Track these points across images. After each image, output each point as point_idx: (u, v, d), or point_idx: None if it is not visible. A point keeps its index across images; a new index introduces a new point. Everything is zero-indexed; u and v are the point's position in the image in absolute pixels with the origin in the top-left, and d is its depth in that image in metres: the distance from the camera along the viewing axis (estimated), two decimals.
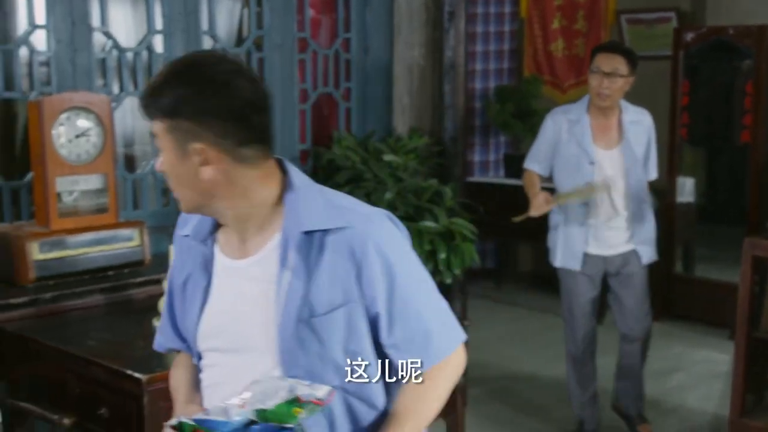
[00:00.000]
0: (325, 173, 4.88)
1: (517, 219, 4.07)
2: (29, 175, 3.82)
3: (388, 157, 4.78)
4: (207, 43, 4.45)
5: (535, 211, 4.04)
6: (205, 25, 4.44)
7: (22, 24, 4.22)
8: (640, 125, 4.09)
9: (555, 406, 4.62)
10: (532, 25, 7.25)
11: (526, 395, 4.82)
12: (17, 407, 3.08)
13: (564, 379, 4.32)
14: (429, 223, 4.52)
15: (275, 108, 4.73)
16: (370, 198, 4.63)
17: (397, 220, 1.82)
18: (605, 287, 4.23)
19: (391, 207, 4.63)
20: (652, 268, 4.21)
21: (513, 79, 7.19)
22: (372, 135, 5.08)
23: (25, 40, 3.91)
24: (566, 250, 4.12)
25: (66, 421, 2.88)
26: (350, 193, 4.61)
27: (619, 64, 3.92)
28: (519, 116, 6.30)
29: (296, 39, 4.82)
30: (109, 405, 2.83)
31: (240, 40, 4.99)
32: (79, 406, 2.96)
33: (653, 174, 4.19)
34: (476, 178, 6.82)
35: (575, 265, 4.08)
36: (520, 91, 6.54)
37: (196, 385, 1.91)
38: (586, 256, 4.07)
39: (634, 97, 4.16)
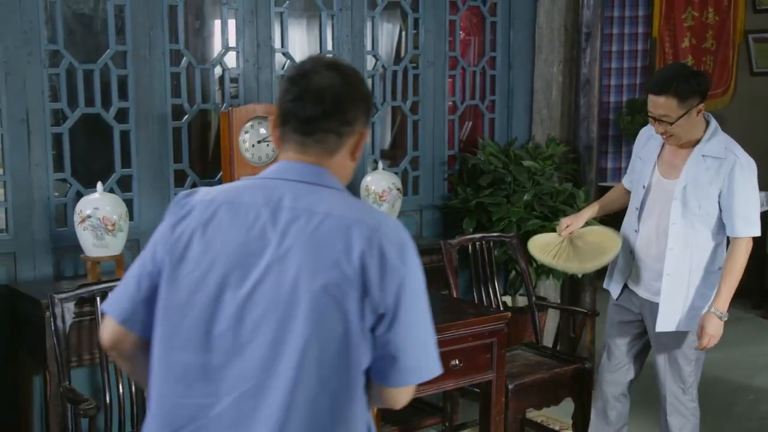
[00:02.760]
0: (470, 176, 4.87)
1: (534, 251, 3.43)
2: (219, 174, 3.97)
3: (527, 163, 4.72)
4: (370, 62, 4.51)
5: (559, 231, 3.39)
6: (369, 45, 4.50)
7: (217, 47, 4.38)
8: (717, 162, 3.03)
9: None
10: (663, 44, 6.99)
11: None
12: None
13: None
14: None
15: (426, 118, 4.76)
16: (510, 199, 4.59)
17: None
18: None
19: (528, 208, 4.58)
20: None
21: (644, 93, 6.97)
22: (513, 143, 5.03)
23: (219, 60, 4.06)
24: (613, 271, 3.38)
25: None
26: (492, 194, 4.61)
27: (667, 108, 2.98)
28: None
29: (447, 57, 4.82)
30: None
31: (398, 59, 5.03)
32: None
33: (738, 230, 3.05)
34: (608, 182, 6.65)
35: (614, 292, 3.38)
36: None
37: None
38: (626, 289, 3.32)
39: (760, 113, 3.68)
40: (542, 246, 3.38)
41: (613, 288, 3.36)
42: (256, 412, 1.55)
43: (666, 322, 3.13)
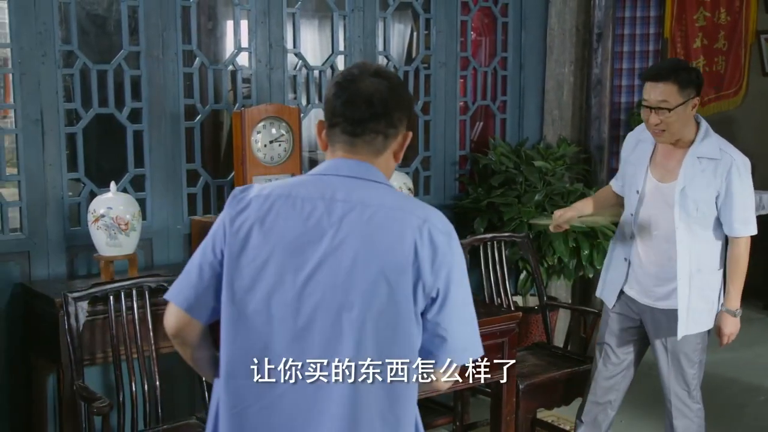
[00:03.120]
0: (481, 177, 4.87)
1: (534, 221, 3.47)
2: (231, 174, 3.99)
3: (538, 163, 4.72)
4: (382, 62, 4.51)
5: (552, 227, 3.34)
6: (380, 46, 4.51)
7: (229, 47, 4.40)
8: (713, 163, 3.00)
9: None
10: (675, 45, 6.97)
11: None
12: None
13: None
14: (574, 223, 4.44)
15: (438, 118, 4.76)
16: (521, 199, 4.59)
17: None
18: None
19: (539, 208, 4.58)
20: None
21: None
22: (524, 143, 5.03)
23: (231, 61, 4.07)
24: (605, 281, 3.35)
25: None
26: (503, 194, 4.61)
27: (666, 94, 2.93)
28: None
29: (459, 58, 4.82)
30: None
31: (410, 59, 5.04)
32: None
33: (736, 230, 3.05)
34: None
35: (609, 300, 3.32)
36: None
37: None
38: (622, 295, 3.26)
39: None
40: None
41: (608, 296, 3.31)
42: (318, 392, 1.67)
43: (684, 326, 3.09)
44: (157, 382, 3.18)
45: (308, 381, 1.68)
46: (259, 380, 1.70)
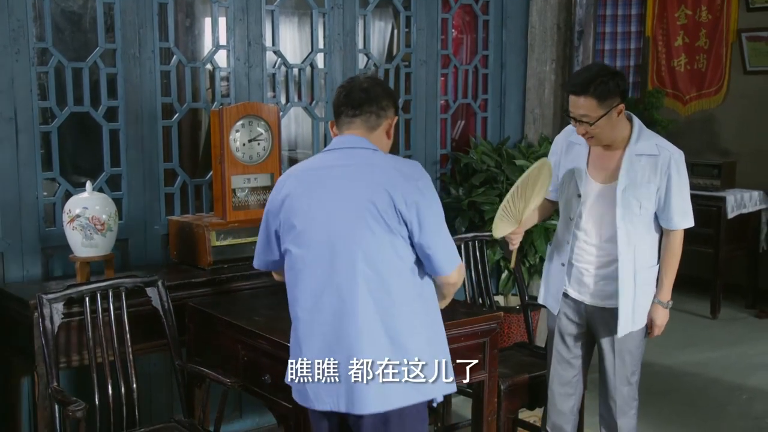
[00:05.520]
0: (462, 176, 4.87)
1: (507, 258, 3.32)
2: (209, 174, 3.97)
3: (520, 162, 4.73)
4: (362, 61, 4.51)
5: (513, 246, 3.25)
6: (360, 44, 4.50)
7: (207, 45, 4.38)
8: (652, 159, 3.02)
9: None
10: (656, 43, 7.02)
11: None
12: (195, 371, 3.21)
13: None
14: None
15: (419, 117, 4.76)
16: (502, 198, 4.58)
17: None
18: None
19: None
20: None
21: (638, 92, 6.98)
22: (506, 142, 5.04)
23: (209, 59, 4.05)
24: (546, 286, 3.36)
25: (236, 384, 2.99)
26: (484, 193, 4.62)
27: (586, 108, 2.94)
28: None
29: (440, 56, 4.82)
30: (271, 372, 2.91)
31: (390, 57, 5.03)
32: (246, 372, 3.06)
33: (675, 223, 3.08)
34: None
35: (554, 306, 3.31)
36: (643, 102, 6.36)
37: None
38: (566, 298, 3.26)
39: (753, 111, 3.67)
40: (501, 218, 3.17)
41: (552, 303, 3.31)
42: (353, 304, 2.39)
43: (626, 325, 3.12)
44: (134, 385, 3.15)
45: (341, 301, 2.43)
46: (319, 309, 2.46)
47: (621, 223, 3.06)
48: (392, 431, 2.41)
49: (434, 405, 2.56)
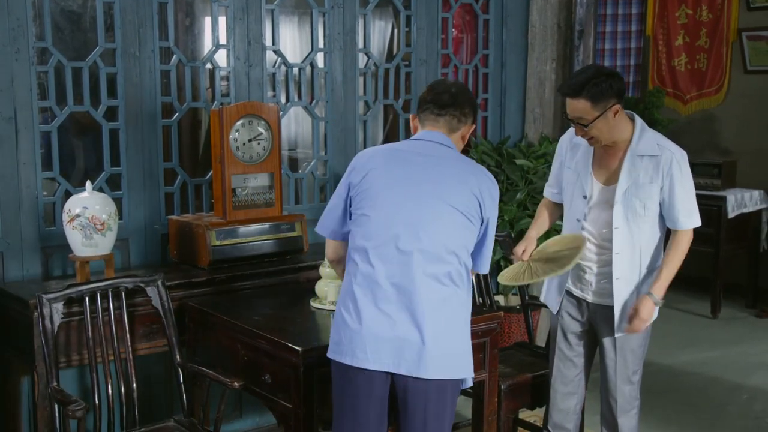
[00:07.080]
0: None
1: (506, 282, 3.28)
2: (209, 173, 3.97)
3: (520, 162, 4.74)
4: (362, 60, 4.51)
5: (523, 260, 3.25)
6: (360, 43, 4.50)
7: (207, 44, 4.38)
8: (654, 160, 3.02)
9: None
10: (657, 42, 7.03)
11: None
12: (195, 370, 3.21)
13: None
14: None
15: None
16: (502, 198, 4.60)
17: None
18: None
19: (521, 207, 4.59)
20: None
21: (638, 91, 6.98)
22: (506, 141, 5.04)
23: (209, 58, 4.05)
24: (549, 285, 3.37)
25: (236, 384, 2.99)
26: None
27: (580, 111, 2.96)
28: None
29: (440, 55, 4.83)
30: (271, 372, 2.92)
31: (390, 56, 5.03)
32: (246, 372, 3.06)
33: (681, 223, 3.06)
34: None
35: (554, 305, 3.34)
36: (643, 102, 6.35)
37: None
38: (568, 295, 3.28)
39: (753, 111, 3.67)
40: (513, 276, 3.26)
41: (553, 300, 3.33)
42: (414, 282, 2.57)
43: (623, 324, 3.12)
44: (134, 385, 3.16)
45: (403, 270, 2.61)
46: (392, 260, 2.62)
47: (620, 223, 3.07)
48: (444, 399, 2.59)
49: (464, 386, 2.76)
